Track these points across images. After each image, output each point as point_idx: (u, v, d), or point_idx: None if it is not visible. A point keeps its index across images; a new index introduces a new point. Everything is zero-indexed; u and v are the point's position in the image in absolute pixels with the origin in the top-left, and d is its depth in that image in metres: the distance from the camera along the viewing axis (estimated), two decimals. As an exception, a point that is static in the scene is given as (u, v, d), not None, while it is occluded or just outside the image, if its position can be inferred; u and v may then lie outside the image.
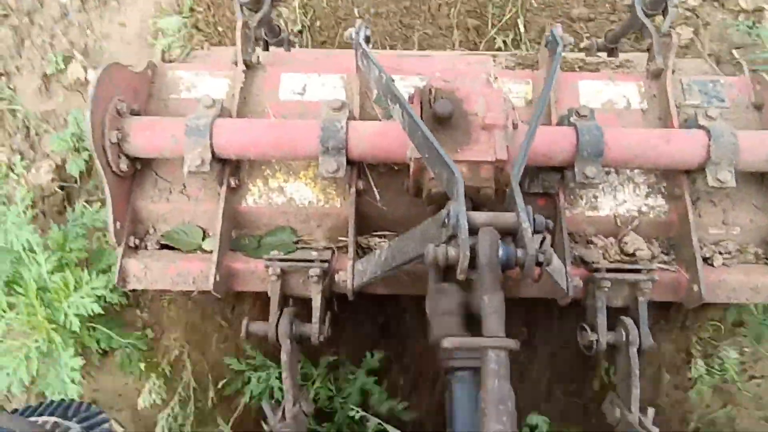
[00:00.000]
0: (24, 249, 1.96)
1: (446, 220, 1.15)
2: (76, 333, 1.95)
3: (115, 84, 1.61)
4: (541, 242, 1.12)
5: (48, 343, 1.93)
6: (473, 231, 1.12)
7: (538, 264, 1.10)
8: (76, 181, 2.48)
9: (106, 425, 1.25)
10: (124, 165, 1.62)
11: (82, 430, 1.23)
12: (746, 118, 1.81)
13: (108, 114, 1.55)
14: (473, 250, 1.08)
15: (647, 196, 1.75)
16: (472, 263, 1.08)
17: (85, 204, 2.30)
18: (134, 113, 1.67)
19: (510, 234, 1.16)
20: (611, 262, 1.68)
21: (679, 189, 1.68)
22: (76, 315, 1.91)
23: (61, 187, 2.50)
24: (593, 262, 1.65)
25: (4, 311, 1.95)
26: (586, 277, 1.65)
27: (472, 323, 1.22)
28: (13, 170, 2.53)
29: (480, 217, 1.16)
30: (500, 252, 1.09)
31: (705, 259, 1.70)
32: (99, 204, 2.31)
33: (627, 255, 1.70)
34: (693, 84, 1.86)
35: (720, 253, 1.72)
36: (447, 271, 1.37)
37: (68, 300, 1.91)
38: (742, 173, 1.70)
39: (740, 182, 1.72)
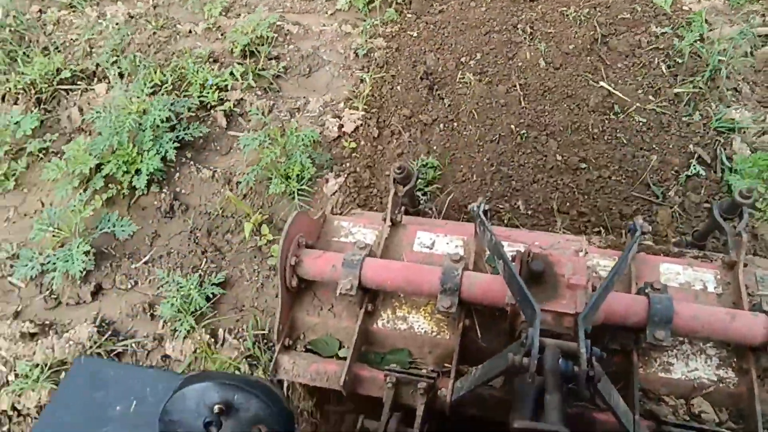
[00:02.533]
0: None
1: (524, 341, 1.55)
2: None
3: (299, 226, 2.25)
4: (590, 362, 1.47)
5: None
6: (543, 350, 1.51)
7: (589, 378, 1.45)
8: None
9: None
10: (294, 283, 2.21)
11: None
12: (815, 314, 2.05)
13: (293, 245, 2.18)
14: (541, 360, 1.47)
15: (718, 367, 1.99)
16: (539, 370, 1.46)
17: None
18: (308, 246, 2.29)
19: (572, 357, 1.52)
20: (679, 420, 1.90)
21: (746, 364, 1.92)
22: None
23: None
24: (663, 417, 1.89)
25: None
26: (655, 430, 1.88)
27: None
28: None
29: (549, 341, 1.55)
30: (561, 363, 1.47)
31: (772, 433, 1.87)
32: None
33: (694, 417, 1.91)
34: (766, 277, 2.16)
35: (788, 430, 1.88)
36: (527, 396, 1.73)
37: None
38: (809, 358, 1.92)
39: (807, 366, 1.94)
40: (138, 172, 3.66)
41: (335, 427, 2.46)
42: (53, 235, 3.46)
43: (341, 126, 3.92)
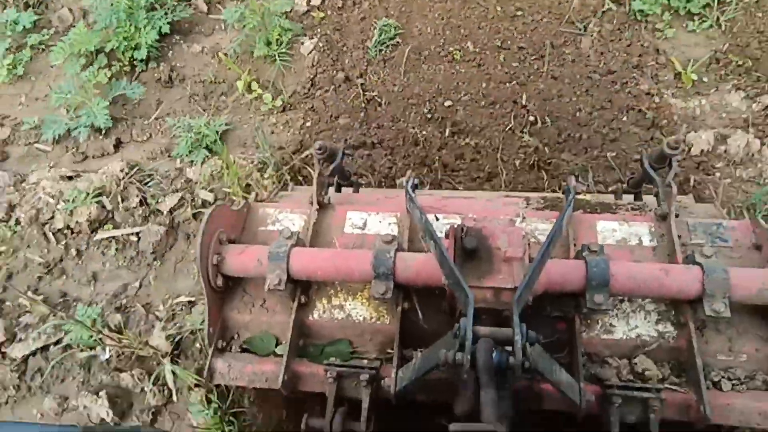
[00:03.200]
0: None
1: (458, 332, 1.47)
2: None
3: (220, 219, 2.09)
4: (524, 351, 1.40)
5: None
6: (477, 341, 1.43)
7: (525, 369, 1.38)
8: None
9: None
10: (219, 282, 2.06)
11: None
12: (750, 258, 2.05)
13: (213, 242, 2.02)
14: (474, 355, 1.39)
15: (657, 322, 1.98)
16: (473, 365, 1.39)
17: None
18: (231, 241, 2.13)
19: (508, 343, 1.45)
20: (623, 381, 1.89)
21: (684, 317, 1.91)
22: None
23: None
24: (607, 380, 1.88)
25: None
26: (600, 394, 1.87)
27: None
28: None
29: (483, 330, 1.47)
30: (494, 356, 1.39)
31: (714, 384, 1.88)
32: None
33: (637, 375, 1.91)
34: (698, 225, 2.14)
35: (729, 379, 1.90)
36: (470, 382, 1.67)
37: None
38: (745, 306, 1.93)
39: (744, 314, 1.95)
40: (137, 46, 4.15)
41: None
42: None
43: (309, 1, 4.39)
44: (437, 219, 2.23)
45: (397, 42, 4.06)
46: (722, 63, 3.62)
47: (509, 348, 1.44)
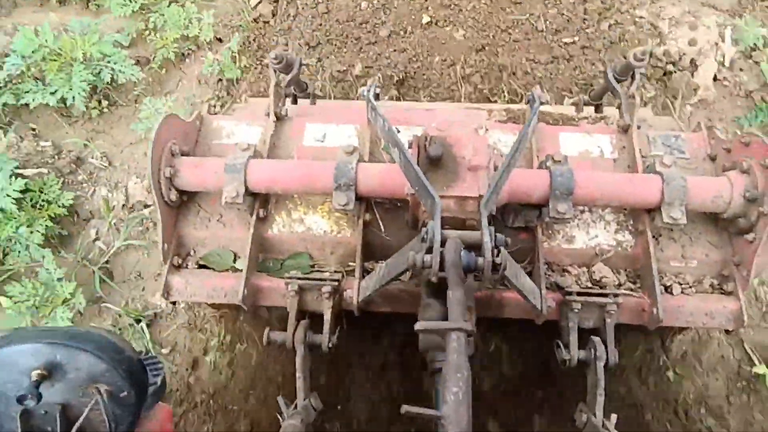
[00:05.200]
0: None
1: (425, 236, 1.45)
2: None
3: (171, 130, 1.97)
4: (497, 252, 1.40)
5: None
6: (445, 244, 1.41)
7: (495, 269, 1.38)
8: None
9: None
10: (173, 196, 1.96)
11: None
12: (704, 168, 2.09)
13: (164, 154, 1.91)
14: (442, 255, 1.38)
15: (616, 232, 2.02)
16: (442, 266, 1.37)
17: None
18: (184, 154, 2.02)
19: (476, 247, 1.44)
20: (582, 288, 1.94)
21: (642, 225, 1.95)
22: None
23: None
24: (567, 287, 1.92)
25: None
26: (560, 301, 1.91)
27: None
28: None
29: (451, 233, 1.45)
30: (463, 256, 1.38)
31: (666, 288, 1.95)
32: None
33: (595, 282, 1.96)
34: (658, 138, 2.16)
35: (679, 284, 1.97)
36: (435, 290, 1.67)
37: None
38: (698, 215, 1.98)
39: (697, 222, 2.00)
40: None
41: None
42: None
43: None
44: (398, 131, 2.16)
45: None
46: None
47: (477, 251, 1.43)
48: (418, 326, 1.31)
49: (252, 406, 2.55)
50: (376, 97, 2.05)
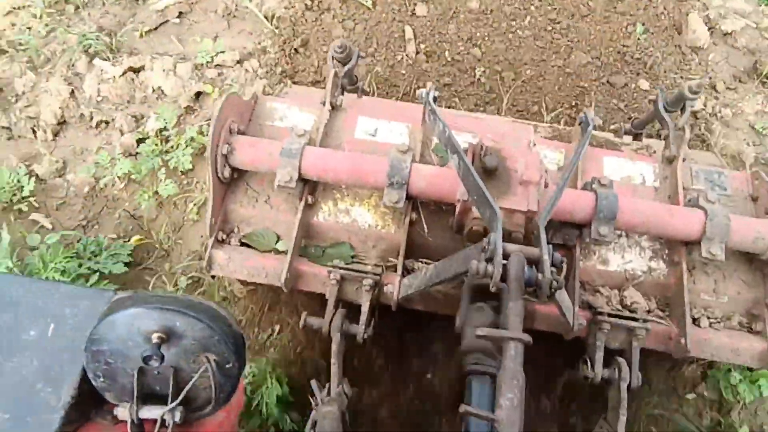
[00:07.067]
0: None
1: (486, 246, 1.49)
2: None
3: (231, 109, 2.01)
4: (558, 270, 1.45)
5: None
6: (506, 256, 1.46)
7: (552, 288, 1.43)
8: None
9: None
10: (227, 173, 2.00)
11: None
12: (744, 207, 2.14)
13: (224, 131, 1.94)
14: (505, 268, 1.43)
15: (650, 259, 2.07)
16: (503, 278, 1.42)
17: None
18: (240, 133, 2.06)
19: (533, 263, 1.49)
20: (612, 309, 1.99)
21: (678, 257, 2.00)
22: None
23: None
24: (598, 307, 1.97)
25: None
26: (590, 319, 1.96)
27: None
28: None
29: (512, 247, 1.50)
30: (525, 271, 1.43)
31: (694, 320, 2.01)
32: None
33: (625, 306, 2.01)
34: (701, 172, 2.20)
35: (708, 317, 2.02)
36: (478, 294, 1.72)
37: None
38: (735, 253, 2.03)
39: (732, 260, 2.05)
40: None
41: None
42: None
43: None
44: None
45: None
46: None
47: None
48: (479, 332, 1.36)
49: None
50: (434, 100, 2.08)
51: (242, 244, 2.11)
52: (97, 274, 2.52)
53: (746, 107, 3.20)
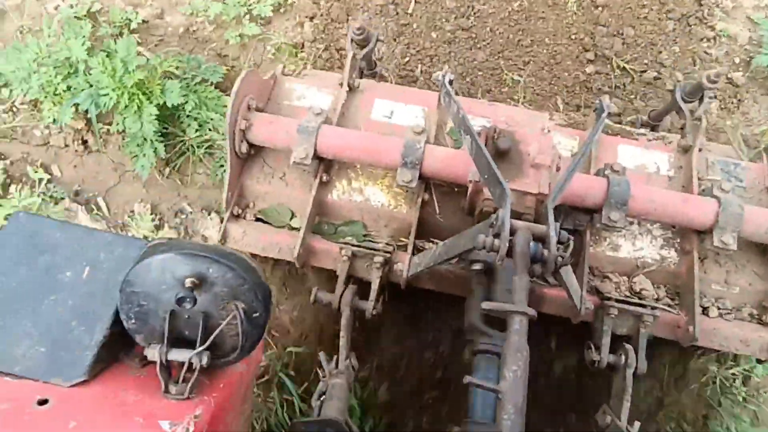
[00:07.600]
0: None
1: (494, 222, 1.51)
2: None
3: (250, 86, 2.05)
4: (565, 247, 1.47)
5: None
6: (513, 233, 1.48)
7: (557, 264, 1.45)
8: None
9: None
10: (244, 148, 2.05)
11: None
12: (759, 199, 2.13)
13: (242, 107, 1.99)
14: (511, 242, 1.45)
15: (662, 247, 2.07)
16: (509, 253, 1.44)
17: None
18: (258, 110, 2.10)
19: (540, 240, 1.51)
20: (621, 295, 2.00)
21: (689, 245, 2.00)
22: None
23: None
24: (606, 293, 1.98)
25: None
26: (598, 304, 1.97)
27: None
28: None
29: (519, 223, 1.52)
30: (531, 246, 1.45)
31: (703, 309, 2.00)
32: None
33: (634, 293, 2.01)
34: (717, 162, 2.19)
35: (718, 308, 2.02)
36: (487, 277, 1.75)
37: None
38: (747, 243, 2.02)
39: (744, 250, 2.04)
40: None
41: None
42: None
43: None
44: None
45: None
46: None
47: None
48: (485, 305, 1.39)
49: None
50: (450, 83, 2.10)
51: (257, 219, 2.16)
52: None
53: (745, 1, 3.33)
